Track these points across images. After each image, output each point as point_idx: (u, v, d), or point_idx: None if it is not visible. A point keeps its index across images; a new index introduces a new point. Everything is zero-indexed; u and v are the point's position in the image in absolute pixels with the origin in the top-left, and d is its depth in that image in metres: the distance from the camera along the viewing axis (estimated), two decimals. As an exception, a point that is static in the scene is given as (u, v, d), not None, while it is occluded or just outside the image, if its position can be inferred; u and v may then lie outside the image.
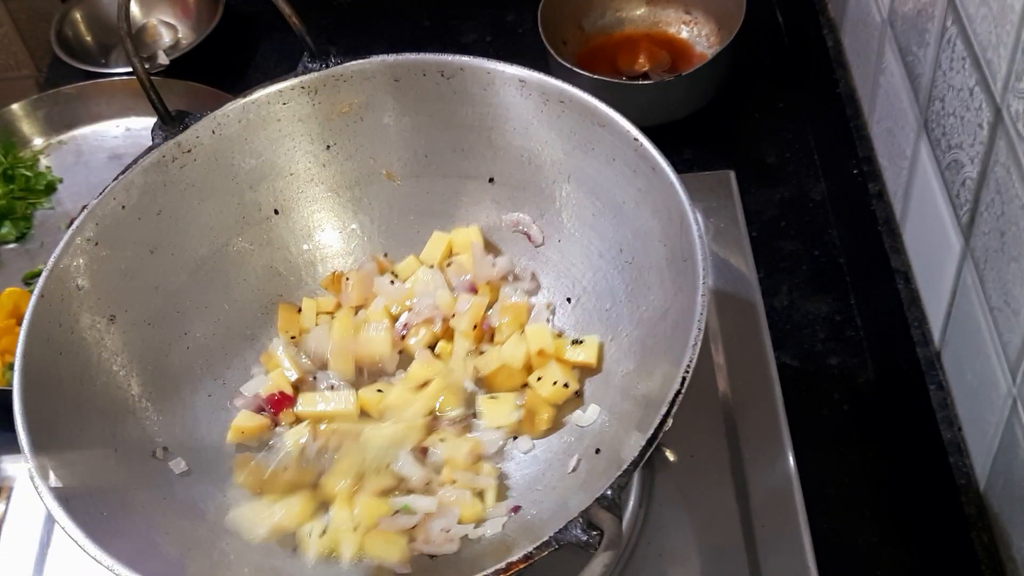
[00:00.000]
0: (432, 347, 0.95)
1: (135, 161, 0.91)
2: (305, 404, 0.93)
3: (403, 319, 0.96)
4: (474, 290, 0.97)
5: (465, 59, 0.92)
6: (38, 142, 1.40)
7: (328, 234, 1.01)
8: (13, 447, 0.77)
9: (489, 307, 0.96)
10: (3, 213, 1.31)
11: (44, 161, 1.38)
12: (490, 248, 0.98)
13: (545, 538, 0.67)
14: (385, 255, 1.01)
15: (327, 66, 0.95)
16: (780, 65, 1.38)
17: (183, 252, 0.94)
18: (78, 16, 1.51)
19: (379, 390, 0.92)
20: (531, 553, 0.67)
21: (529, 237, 0.96)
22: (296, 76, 0.95)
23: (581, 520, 0.67)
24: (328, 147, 0.98)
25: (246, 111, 0.95)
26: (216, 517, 0.85)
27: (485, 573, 0.68)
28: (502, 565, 0.67)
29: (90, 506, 0.77)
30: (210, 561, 0.82)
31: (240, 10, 1.52)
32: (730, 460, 0.91)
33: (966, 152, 0.82)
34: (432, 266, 0.98)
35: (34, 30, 1.80)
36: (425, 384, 0.92)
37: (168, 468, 0.86)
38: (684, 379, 0.71)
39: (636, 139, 0.84)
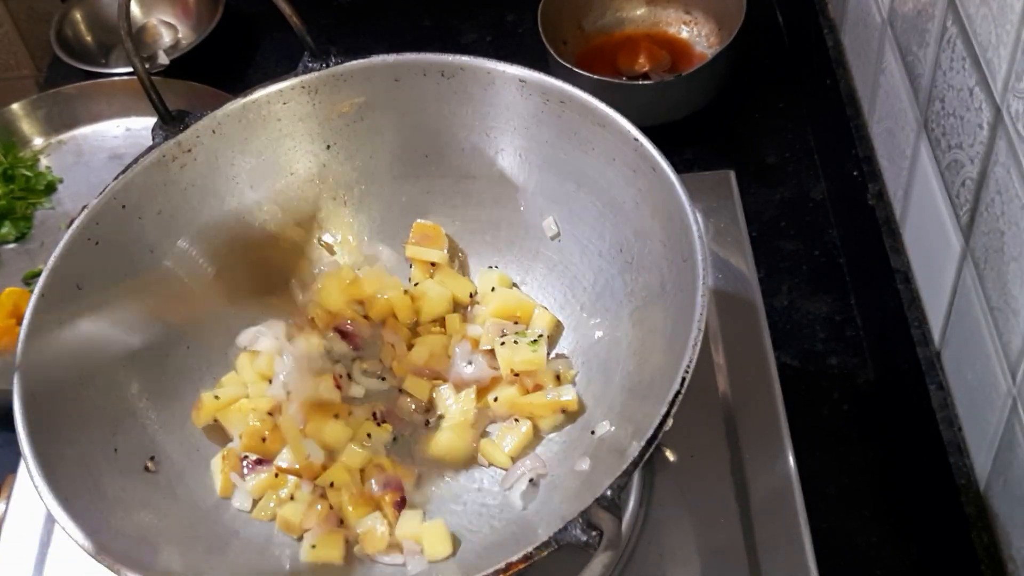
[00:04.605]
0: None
1: (135, 161, 0.91)
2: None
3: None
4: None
5: (465, 59, 0.92)
6: (38, 142, 1.40)
7: (328, 234, 1.01)
8: (13, 447, 0.78)
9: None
10: (3, 213, 1.31)
11: (44, 161, 1.38)
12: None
13: (545, 538, 0.67)
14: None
15: (327, 66, 0.94)
16: (780, 65, 1.38)
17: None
18: (78, 16, 1.51)
19: None
20: (531, 553, 0.67)
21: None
22: (296, 76, 0.95)
23: (581, 520, 0.67)
24: (328, 147, 0.98)
25: (246, 111, 0.95)
26: (216, 515, 0.85)
27: (485, 573, 0.68)
28: (502, 565, 0.67)
29: (90, 506, 0.77)
30: (210, 561, 0.82)
31: (240, 10, 1.52)
32: (730, 460, 0.91)
33: (966, 152, 0.82)
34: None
35: (34, 30, 1.80)
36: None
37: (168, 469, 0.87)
38: (684, 379, 0.71)
39: (636, 139, 0.84)
